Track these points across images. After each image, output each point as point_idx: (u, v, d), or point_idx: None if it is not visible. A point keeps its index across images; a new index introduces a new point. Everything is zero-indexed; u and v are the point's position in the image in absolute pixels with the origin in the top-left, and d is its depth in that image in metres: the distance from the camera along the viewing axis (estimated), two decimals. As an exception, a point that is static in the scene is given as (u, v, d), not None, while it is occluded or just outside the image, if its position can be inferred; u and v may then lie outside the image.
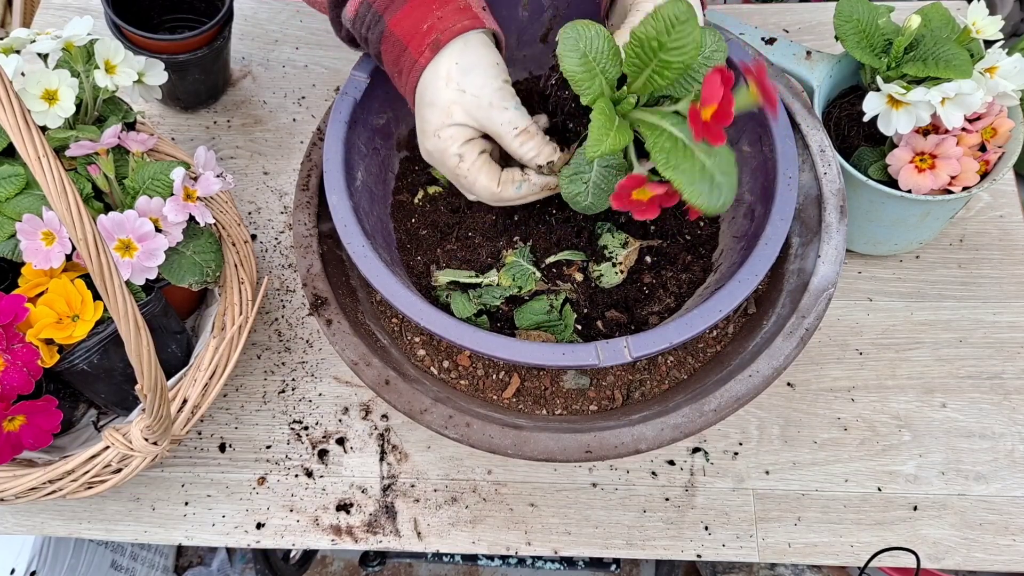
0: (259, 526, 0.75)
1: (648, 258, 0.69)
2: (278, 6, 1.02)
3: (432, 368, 0.68)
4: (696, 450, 0.78)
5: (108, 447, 0.65)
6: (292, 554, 1.20)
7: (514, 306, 0.67)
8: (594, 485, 0.77)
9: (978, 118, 0.74)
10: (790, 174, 0.64)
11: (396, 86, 0.63)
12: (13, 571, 1.06)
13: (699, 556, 0.74)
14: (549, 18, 0.76)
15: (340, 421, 0.79)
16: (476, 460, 0.77)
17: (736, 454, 0.77)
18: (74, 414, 0.74)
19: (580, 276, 0.67)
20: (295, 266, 0.86)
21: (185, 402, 0.68)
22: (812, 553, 0.74)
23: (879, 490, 0.76)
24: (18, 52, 0.71)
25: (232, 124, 0.95)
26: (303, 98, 0.96)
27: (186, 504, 0.76)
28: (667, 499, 0.76)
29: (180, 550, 1.49)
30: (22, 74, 0.68)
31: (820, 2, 1.04)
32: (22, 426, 0.63)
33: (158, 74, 0.78)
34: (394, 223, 0.73)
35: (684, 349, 0.69)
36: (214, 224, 0.75)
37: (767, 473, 0.77)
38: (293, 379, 0.81)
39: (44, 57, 0.72)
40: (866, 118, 0.72)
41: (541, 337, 0.65)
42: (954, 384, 0.80)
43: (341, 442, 0.78)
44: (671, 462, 0.77)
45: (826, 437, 0.78)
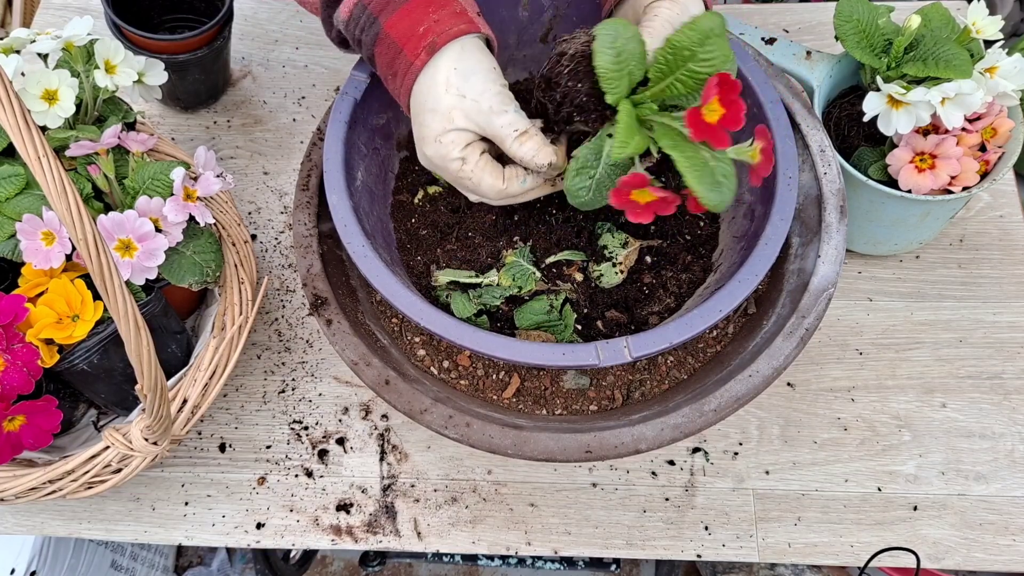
0: (259, 526, 0.75)
1: (648, 258, 0.69)
2: (278, 6, 1.02)
3: (432, 368, 0.68)
4: (696, 450, 0.78)
5: (108, 447, 0.65)
6: (292, 554, 1.20)
7: (514, 306, 0.67)
8: (594, 485, 0.77)
9: (978, 118, 0.74)
10: (790, 174, 0.64)
11: (389, 89, 0.63)
12: (13, 571, 1.06)
13: (699, 556, 0.74)
14: (549, 18, 0.76)
15: (340, 421, 0.79)
16: (476, 460, 0.77)
17: (736, 454, 0.77)
18: (74, 414, 0.74)
19: (580, 276, 0.68)
20: (295, 266, 0.86)
21: (185, 402, 0.68)
22: (812, 553, 0.74)
23: (879, 490, 0.76)
24: (18, 52, 0.71)
25: (232, 124, 0.95)
26: (303, 98, 0.96)
27: (186, 504, 0.76)
28: (667, 499, 0.76)
29: (180, 550, 1.49)
30: (22, 74, 0.68)
31: (820, 2, 1.04)
32: (22, 426, 0.63)
33: (158, 74, 0.78)
34: (394, 223, 0.73)
35: (684, 349, 0.69)
36: (214, 224, 0.75)
37: (767, 473, 0.77)
38: (293, 379, 0.81)
39: (44, 57, 0.72)
40: (866, 118, 0.72)
41: (541, 337, 0.65)
42: (954, 384, 0.80)
43: (341, 442, 0.78)
44: (671, 462, 0.77)
45: (826, 437, 0.78)
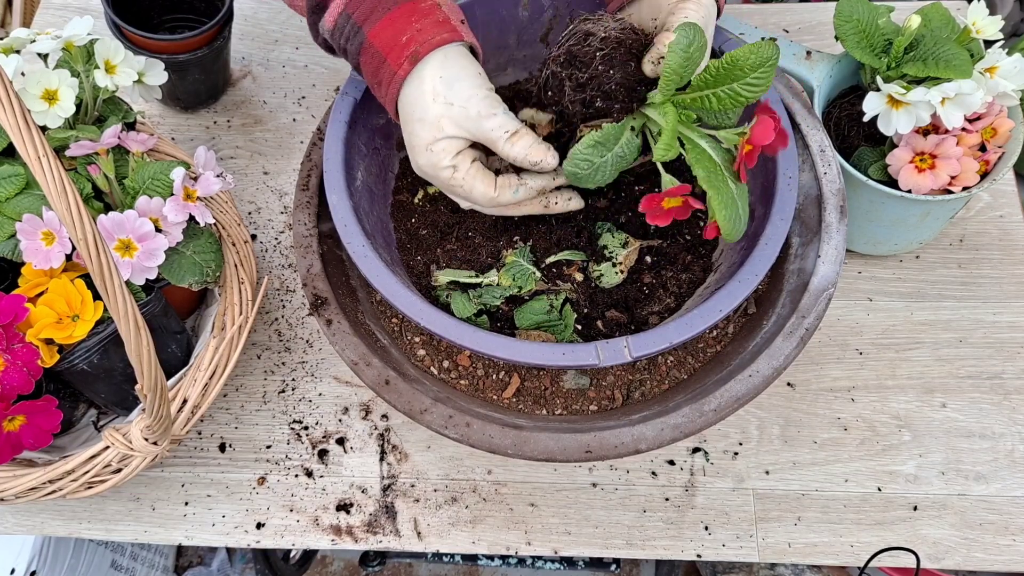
0: (259, 526, 0.75)
1: (648, 258, 0.69)
2: (278, 6, 1.02)
3: (432, 368, 0.68)
4: (696, 450, 0.78)
5: (108, 447, 0.65)
6: (292, 554, 1.20)
7: (514, 306, 0.67)
8: (594, 485, 0.77)
9: (978, 118, 0.74)
10: (790, 174, 0.64)
11: (376, 97, 0.63)
12: (13, 571, 1.06)
13: (699, 556, 0.74)
14: (549, 18, 0.76)
15: (340, 421, 0.79)
16: (476, 460, 0.77)
17: (736, 454, 0.77)
18: (74, 414, 0.74)
19: (580, 276, 0.68)
20: (295, 266, 0.86)
21: (185, 402, 0.68)
22: (812, 553, 0.74)
23: (879, 490, 0.76)
24: (18, 52, 0.71)
25: (232, 124, 0.95)
26: (303, 98, 0.96)
27: (186, 504, 0.76)
28: (667, 499, 0.76)
29: (180, 550, 1.49)
30: (22, 74, 0.68)
31: (820, 2, 1.04)
32: (22, 426, 0.63)
33: (158, 74, 0.78)
34: (394, 223, 0.73)
35: (684, 349, 0.69)
36: (214, 224, 0.75)
37: (767, 473, 0.77)
38: (293, 379, 0.81)
39: (44, 57, 0.72)
40: (866, 118, 0.72)
41: (541, 337, 0.65)
42: (954, 384, 0.80)
43: (341, 442, 0.78)
44: (671, 462, 0.77)
45: (826, 437, 0.78)
